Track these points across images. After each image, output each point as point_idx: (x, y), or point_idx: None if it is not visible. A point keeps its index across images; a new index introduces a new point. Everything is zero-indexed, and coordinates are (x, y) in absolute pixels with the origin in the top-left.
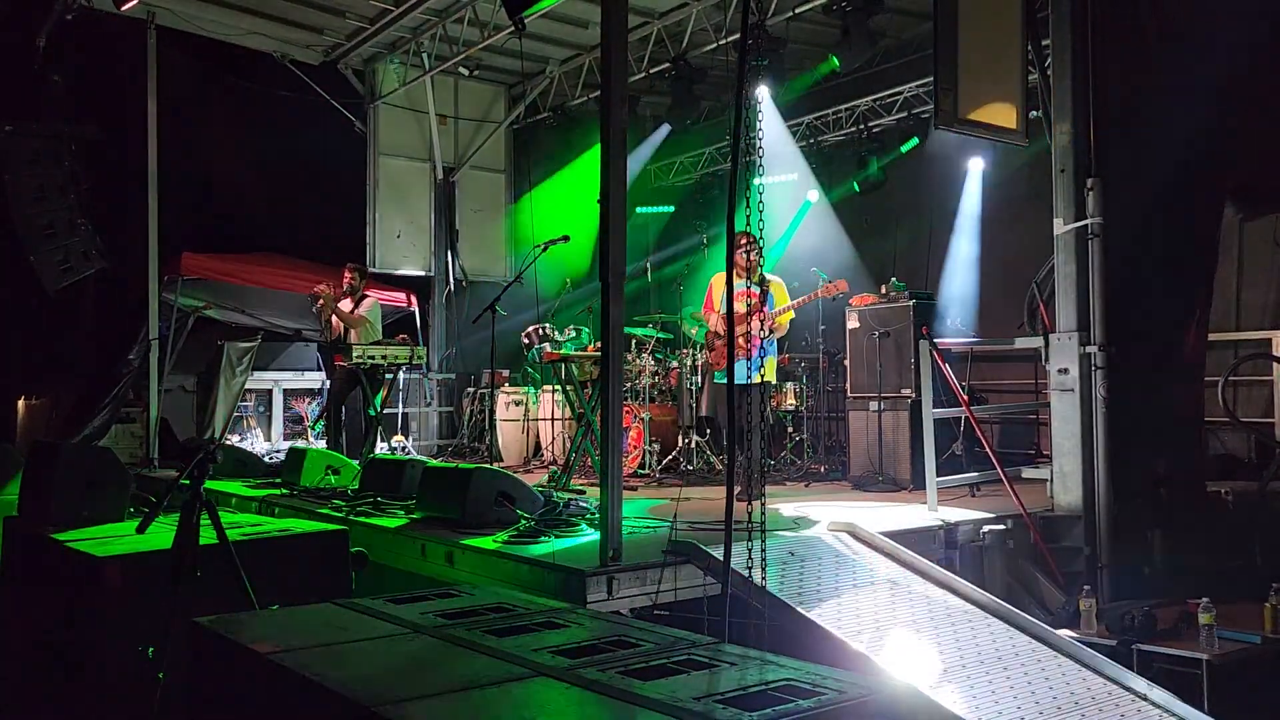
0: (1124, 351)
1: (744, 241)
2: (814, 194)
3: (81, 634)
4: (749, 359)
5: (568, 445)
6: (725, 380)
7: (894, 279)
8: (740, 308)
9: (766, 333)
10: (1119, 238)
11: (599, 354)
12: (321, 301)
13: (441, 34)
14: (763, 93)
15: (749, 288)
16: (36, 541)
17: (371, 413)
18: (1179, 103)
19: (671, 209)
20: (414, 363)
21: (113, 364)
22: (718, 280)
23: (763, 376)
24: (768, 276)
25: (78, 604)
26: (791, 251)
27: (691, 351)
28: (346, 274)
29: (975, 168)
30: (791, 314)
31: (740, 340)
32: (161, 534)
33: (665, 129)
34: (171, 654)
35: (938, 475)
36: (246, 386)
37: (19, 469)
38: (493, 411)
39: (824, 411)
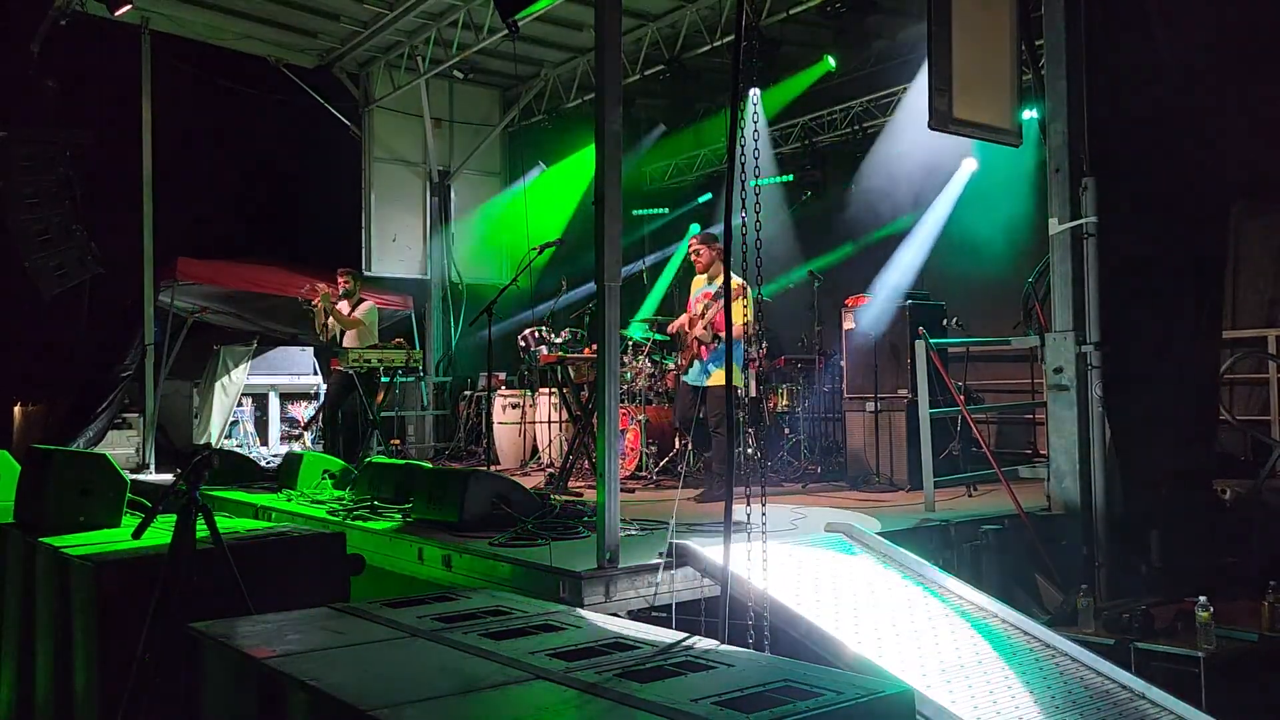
0: (1122, 350)
1: (693, 244)
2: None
3: (78, 642)
4: (701, 361)
5: (565, 448)
6: (689, 382)
7: None
8: (699, 309)
9: (705, 333)
10: (1117, 236)
11: (595, 356)
12: (318, 303)
13: (436, 38)
14: (754, 95)
15: (708, 289)
16: (32, 547)
17: (368, 416)
18: (1179, 100)
19: (667, 210)
20: (410, 366)
21: (109, 369)
22: (695, 283)
23: (717, 380)
24: (735, 277)
25: (74, 611)
26: (789, 253)
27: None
28: (340, 279)
29: (970, 167)
30: (744, 316)
31: (693, 343)
32: (158, 539)
33: (660, 129)
34: (168, 659)
35: (935, 475)
36: (242, 391)
37: (15, 474)
38: (489, 414)
39: (821, 412)
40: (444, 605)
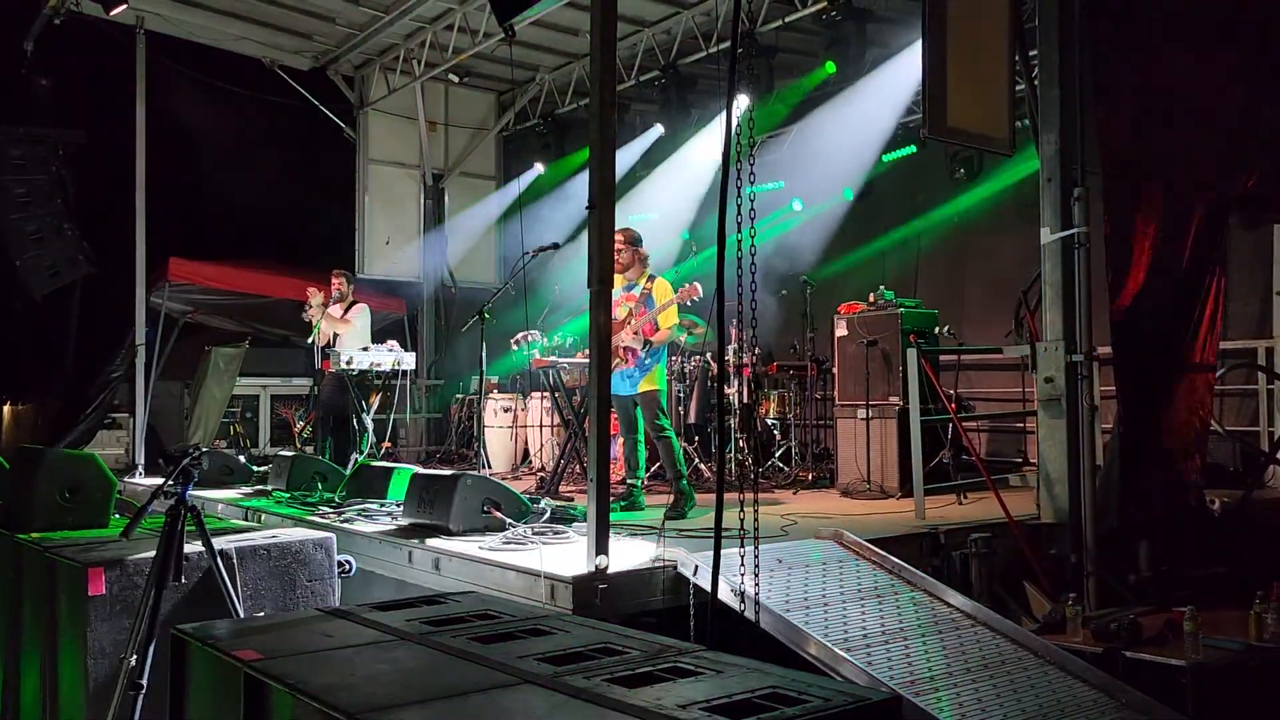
0: (1120, 360)
1: (618, 240)
2: (798, 205)
3: (64, 642)
4: (627, 368)
5: (556, 452)
6: (619, 395)
7: (882, 287)
8: (620, 313)
9: (636, 340)
10: (1110, 246)
11: (588, 361)
12: (312, 306)
13: (431, 41)
14: (744, 102)
15: (628, 291)
16: (19, 547)
17: (359, 419)
18: (1176, 108)
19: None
20: (402, 369)
21: (99, 369)
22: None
23: (647, 385)
24: (658, 279)
25: (60, 612)
26: (783, 256)
27: (681, 359)
28: (334, 281)
29: (961, 176)
30: (672, 320)
31: (618, 349)
32: (146, 541)
33: (658, 130)
34: (155, 662)
35: (925, 483)
36: (233, 392)
37: (3, 474)
38: (481, 418)
39: (812, 419)
40: (433, 609)
